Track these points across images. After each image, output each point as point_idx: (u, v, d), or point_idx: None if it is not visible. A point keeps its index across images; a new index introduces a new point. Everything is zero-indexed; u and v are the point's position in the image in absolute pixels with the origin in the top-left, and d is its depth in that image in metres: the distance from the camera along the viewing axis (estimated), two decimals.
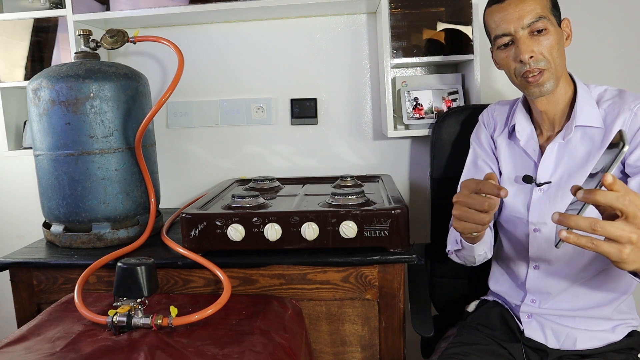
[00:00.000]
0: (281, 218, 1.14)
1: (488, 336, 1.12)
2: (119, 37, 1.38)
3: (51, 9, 1.60)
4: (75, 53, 1.38)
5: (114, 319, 0.96)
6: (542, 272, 1.08)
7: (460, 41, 1.50)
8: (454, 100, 1.53)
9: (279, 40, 1.69)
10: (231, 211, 1.18)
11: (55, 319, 1.05)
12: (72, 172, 1.27)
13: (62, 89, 1.25)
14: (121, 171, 1.31)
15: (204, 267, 1.15)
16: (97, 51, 1.40)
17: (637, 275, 0.84)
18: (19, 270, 1.25)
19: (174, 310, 0.99)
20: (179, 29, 1.71)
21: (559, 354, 1.07)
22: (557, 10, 1.04)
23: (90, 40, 1.39)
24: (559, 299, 1.07)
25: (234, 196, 1.23)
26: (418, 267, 1.32)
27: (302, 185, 1.52)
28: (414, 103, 1.54)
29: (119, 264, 0.99)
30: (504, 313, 1.16)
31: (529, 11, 0.99)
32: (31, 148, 1.39)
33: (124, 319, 0.97)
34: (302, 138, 1.73)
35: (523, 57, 0.99)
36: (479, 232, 0.91)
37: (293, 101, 1.70)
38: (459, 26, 1.49)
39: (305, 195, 1.37)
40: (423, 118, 1.53)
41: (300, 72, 1.70)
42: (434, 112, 1.53)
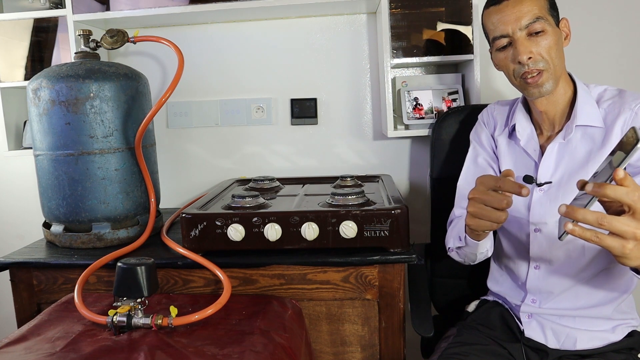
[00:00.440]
0: (281, 218, 1.14)
1: (488, 336, 1.12)
2: (119, 37, 1.38)
3: (51, 9, 1.60)
4: (75, 53, 1.38)
5: (114, 319, 0.96)
6: (542, 272, 1.08)
7: (460, 41, 1.50)
8: (454, 100, 1.53)
9: (279, 40, 1.69)
10: (231, 211, 1.18)
11: (55, 319, 1.05)
12: (72, 172, 1.27)
13: (62, 89, 1.25)
14: (121, 171, 1.31)
15: (204, 267, 1.15)
16: (97, 51, 1.40)
17: (638, 272, 0.84)
18: (19, 270, 1.25)
19: (174, 310, 0.99)
20: (179, 29, 1.71)
21: (559, 354, 1.07)
22: (555, 11, 1.04)
23: (90, 40, 1.39)
24: (560, 298, 1.07)
25: (234, 196, 1.23)
26: (418, 267, 1.32)
27: (302, 185, 1.52)
28: (414, 103, 1.54)
29: (119, 264, 0.99)
30: (504, 313, 1.16)
31: (526, 12, 0.99)
32: (31, 148, 1.39)
33: (124, 319, 0.96)
34: (302, 138, 1.73)
35: (521, 58, 0.99)
36: (493, 230, 0.90)
37: (293, 101, 1.70)
38: (459, 26, 1.49)
39: (305, 195, 1.37)
40: (423, 118, 1.53)
41: (300, 72, 1.70)
42: (434, 112, 1.53)
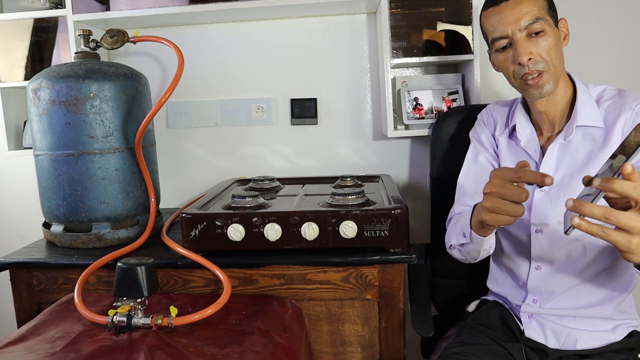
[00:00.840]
0: (281, 218, 1.14)
1: (488, 336, 1.12)
2: (119, 37, 1.38)
3: (51, 9, 1.60)
4: (75, 53, 1.38)
5: (114, 319, 0.96)
6: (543, 273, 1.08)
7: (460, 41, 1.50)
8: (454, 100, 1.53)
9: (279, 40, 1.69)
10: (231, 211, 1.18)
11: (55, 319, 1.05)
12: (72, 172, 1.27)
13: (62, 89, 1.25)
14: (121, 171, 1.31)
15: (204, 267, 1.15)
16: (97, 51, 1.40)
17: None
18: (19, 270, 1.25)
19: (174, 310, 0.99)
20: (179, 29, 1.71)
21: (559, 354, 1.07)
22: (554, 11, 1.03)
23: (90, 40, 1.39)
24: (561, 298, 1.07)
25: (234, 196, 1.23)
26: (418, 267, 1.32)
27: (302, 185, 1.52)
28: (414, 103, 1.54)
29: (119, 264, 0.99)
30: (504, 313, 1.16)
31: (525, 13, 0.98)
32: (31, 148, 1.39)
33: (124, 319, 0.96)
34: (302, 138, 1.73)
35: (522, 59, 0.99)
36: (510, 224, 0.87)
37: (293, 101, 1.70)
38: (458, 26, 1.49)
39: (305, 195, 1.37)
40: (423, 118, 1.53)
41: (300, 72, 1.70)
42: (434, 112, 1.53)
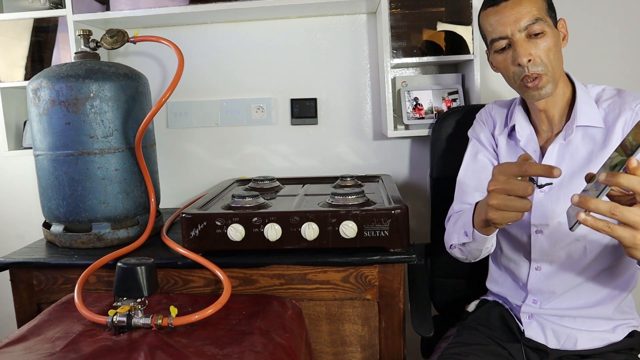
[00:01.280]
0: (281, 218, 1.14)
1: (488, 336, 1.12)
2: (119, 37, 1.38)
3: (51, 9, 1.60)
4: (75, 53, 1.38)
5: (114, 319, 0.96)
6: (543, 273, 1.08)
7: (460, 41, 1.50)
8: (453, 100, 1.53)
9: (279, 40, 1.69)
10: (231, 211, 1.18)
11: (55, 319, 1.05)
12: (72, 172, 1.27)
13: (62, 89, 1.25)
14: (121, 171, 1.31)
15: (204, 267, 1.15)
16: (97, 51, 1.40)
17: None
18: (19, 270, 1.25)
19: (174, 310, 0.99)
20: (179, 29, 1.71)
21: (559, 354, 1.07)
22: (553, 11, 1.03)
23: (90, 40, 1.39)
24: (561, 299, 1.07)
25: (234, 196, 1.23)
26: (418, 267, 1.32)
27: (302, 185, 1.52)
28: (414, 103, 1.54)
29: (119, 264, 0.99)
30: (503, 313, 1.16)
31: (525, 13, 0.98)
32: (31, 148, 1.39)
33: (124, 319, 0.96)
34: (302, 138, 1.72)
35: (521, 60, 0.98)
36: (518, 221, 0.85)
37: (293, 101, 1.70)
38: (458, 26, 1.49)
39: (305, 195, 1.37)
40: (423, 118, 1.53)
41: (300, 72, 1.70)
42: (434, 112, 1.53)
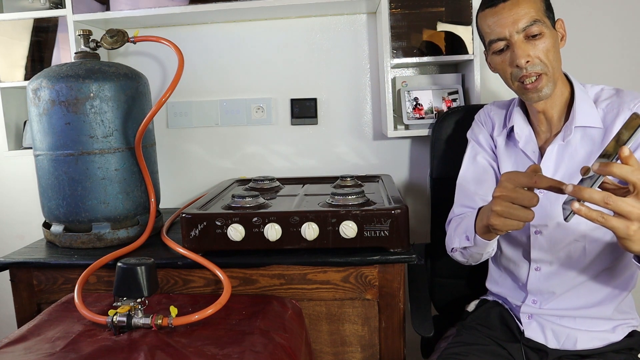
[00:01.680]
0: (281, 218, 1.14)
1: (488, 336, 1.12)
2: (119, 37, 1.38)
3: (51, 9, 1.60)
4: (75, 53, 1.38)
5: (114, 319, 0.96)
6: (543, 274, 1.08)
7: (460, 41, 1.50)
8: (453, 100, 1.53)
9: (279, 40, 1.69)
10: (231, 211, 1.18)
11: (55, 319, 1.05)
12: (72, 172, 1.27)
13: (62, 89, 1.25)
14: (121, 171, 1.31)
15: (204, 267, 1.15)
16: (97, 51, 1.40)
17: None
18: (19, 270, 1.25)
19: (174, 310, 0.99)
20: (179, 29, 1.71)
21: (559, 354, 1.07)
22: (551, 12, 1.03)
23: (90, 40, 1.39)
24: (561, 299, 1.07)
25: (234, 196, 1.23)
26: (418, 267, 1.32)
27: (302, 185, 1.52)
28: (414, 103, 1.54)
29: (119, 264, 0.99)
30: (503, 313, 1.16)
31: (523, 15, 0.98)
32: (31, 148, 1.39)
33: (124, 319, 0.97)
34: (302, 138, 1.73)
35: (519, 62, 0.98)
36: (519, 229, 0.86)
37: (293, 101, 1.70)
38: (458, 26, 1.49)
39: (305, 195, 1.37)
40: (423, 118, 1.53)
41: (300, 72, 1.70)
42: (434, 112, 1.53)
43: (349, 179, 1.45)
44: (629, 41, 1.59)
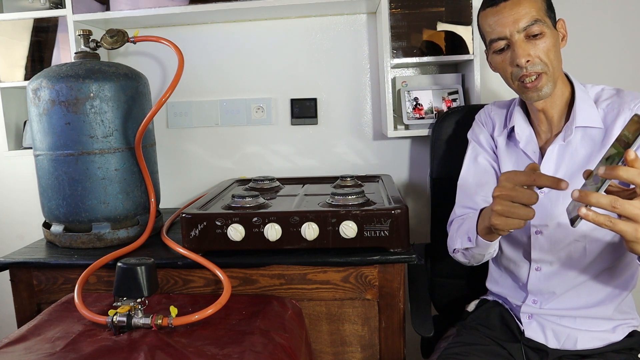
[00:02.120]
0: (281, 218, 1.14)
1: (488, 336, 1.12)
2: (119, 37, 1.38)
3: (51, 9, 1.60)
4: (75, 53, 1.38)
5: (114, 319, 0.96)
6: (543, 274, 1.08)
7: (460, 41, 1.49)
8: (454, 100, 1.53)
9: (279, 40, 1.69)
10: (231, 211, 1.18)
11: (55, 319, 1.05)
12: (72, 172, 1.27)
13: (62, 89, 1.25)
14: (121, 171, 1.31)
15: (204, 267, 1.15)
16: (97, 51, 1.40)
17: None
18: (19, 270, 1.25)
19: (174, 310, 0.99)
20: (179, 29, 1.71)
21: (559, 354, 1.07)
22: (552, 12, 1.03)
23: (90, 40, 1.39)
24: (561, 299, 1.07)
25: (234, 196, 1.23)
26: (418, 267, 1.32)
27: (302, 185, 1.52)
28: (414, 103, 1.54)
29: (119, 264, 0.99)
30: (503, 313, 1.16)
31: (524, 14, 0.98)
32: (31, 148, 1.39)
33: (124, 319, 0.96)
34: (302, 138, 1.72)
35: (520, 61, 0.98)
36: (520, 228, 0.87)
37: (293, 101, 1.70)
38: (458, 26, 1.49)
39: (305, 195, 1.37)
40: (423, 118, 1.53)
41: (300, 72, 1.70)
42: (434, 112, 1.53)
43: (349, 179, 1.45)
44: (630, 41, 1.59)
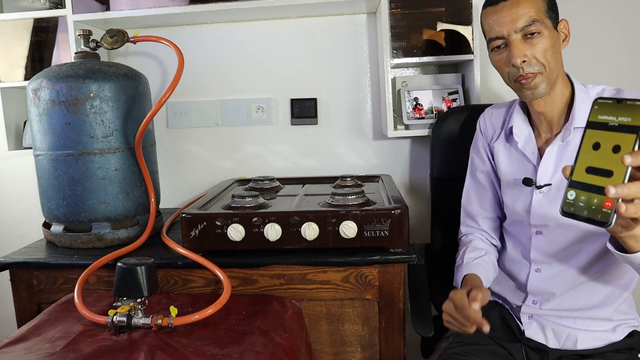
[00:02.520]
0: (281, 218, 1.14)
1: (488, 336, 1.12)
2: (119, 37, 1.38)
3: (51, 9, 1.60)
4: (75, 53, 1.38)
5: (114, 319, 0.96)
6: (543, 274, 1.08)
7: (460, 41, 1.49)
8: (454, 100, 1.53)
9: (279, 40, 1.69)
10: (231, 211, 1.18)
11: (55, 319, 1.05)
12: (72, 172, 1.27)
13: (62, 89, 1.25)
14: (121, 171, 1.31)
15: (204, 267, 1.15)
16: (97, 51, 1.40)
17: None
18: (19, 270, 1.25)
19: (174, 310, 0.99)
20: (179, 29, 1.71)
21: (559, 353, 1.07)
22: (554, 12, 1.02)
23: (90, 40, 1.39)
24: (561, 300, 1.07)
25: (234, 196, 1.23)
26: (418, 267, 1.32)
27: (302, 185, 1.52)
28: (414, 103, 1.54)
29: (119, 264, 0.99)
30: (504, 313, 1.16)
31: (522, 15, 0.98)
32: (31, 148, 1.39)
33: (124, 319, 0.97)
34: (302, 138, 1.72)
35: (515, 61, 0.99)
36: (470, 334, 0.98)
37: (293, 101, 1.70)
38: (458, 26, 1.49)
39: (305, 195, 1.37)
40: (423, 118, 1.53)
41: (300, 72, 1.70)
42: (434, 112, 1.53)
43: (349, 179, 1.45)
44: (631, 41, 1.59)
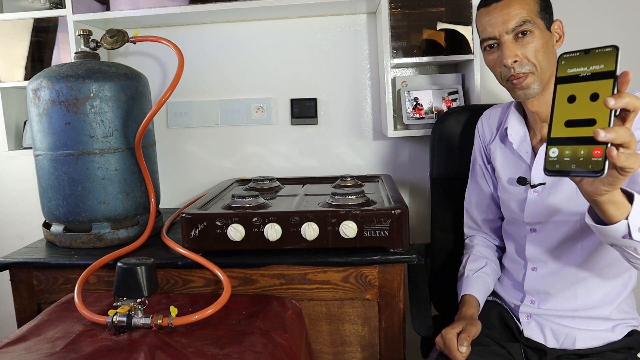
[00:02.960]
0: (281, 218, 1.14)
1: (487, 336, 1.12)
2: (119, 37, 1.38)
3: (51, 9, 1.60)
4: (75, 53, 1.38)
5: (114, 319, 0.96)
6: (539, 273, 1.09)
7: (460, 41, 1.50)
8: (454, 100, 1.53)
9: (279, 40, 1.69)
10: (231, 211, 1.18)
11: (55, 319, 1.05)
12: (72, 172, 1.27)
13: (62, 89, 1.25)
14: (121, 171, 1.31)
15: (204, 267, 1.15)
16: (97, 51, 1.40)
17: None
18: (19, 270, 1.25)
19: (174, 310, 0.99)
20: (179, 29, 1.71)
21: (558, 353, 1.07)
22: (547, 13, 1.03)
23: (90, 40, 1.39)
24: (558, 299, 1.08)
25: (234, 196, 1.23)
26: (418, 267, 1.32)
27: (302, 185, 1.52)
28: (414, 103, 1.54)
29: (119, 264, 0.99)
30: (503, 313, 1.16)
31: (514, 15, 0.99)
32: (31, 148, 1.39)
33: (124, 319, 0.97)
34: (302, 138, 1.73)
35: (506, 62, 1.00)
36: None
37: (293, 101, 1.70)
38: (458, 26, 1.49)
39: (305, 195, 1.37)
40: (423, 118, 1.53)
41: (300, 72, 1.70)
42: (434, 112, 1.53)
43: (349, 179, 1.45)
44: (629, 41, 1.59)
